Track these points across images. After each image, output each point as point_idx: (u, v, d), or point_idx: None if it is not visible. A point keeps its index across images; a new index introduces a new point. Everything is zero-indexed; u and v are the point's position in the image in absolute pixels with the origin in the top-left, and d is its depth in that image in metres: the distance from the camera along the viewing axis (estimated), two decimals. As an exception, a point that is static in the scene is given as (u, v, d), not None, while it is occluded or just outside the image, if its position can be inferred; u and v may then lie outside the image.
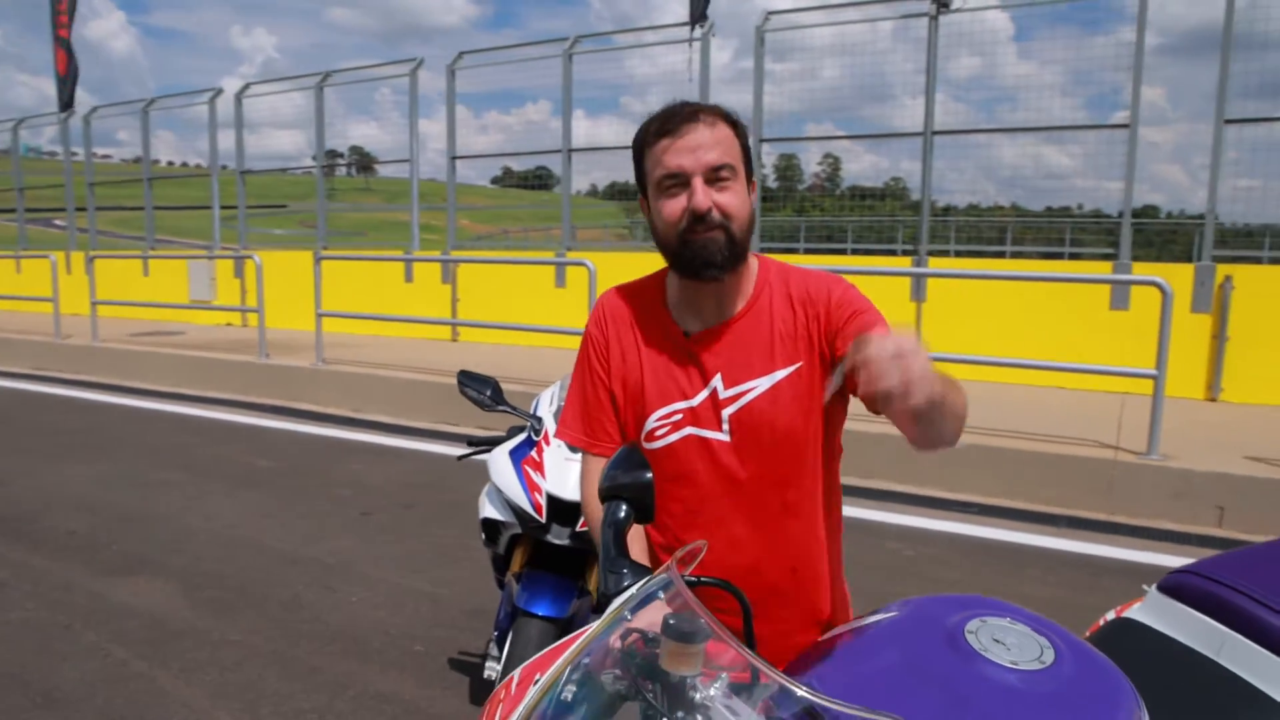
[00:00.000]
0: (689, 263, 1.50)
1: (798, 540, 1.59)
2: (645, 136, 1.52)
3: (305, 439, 7.13)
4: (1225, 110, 7.00)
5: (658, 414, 1.58)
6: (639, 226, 24.04)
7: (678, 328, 1.60)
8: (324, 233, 11.90)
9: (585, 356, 1.67)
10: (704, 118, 1.48)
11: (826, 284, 1.58)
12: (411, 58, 10.58)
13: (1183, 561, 4.77)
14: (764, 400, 1.53)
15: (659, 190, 1.51)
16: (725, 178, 1.47)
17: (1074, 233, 18.11)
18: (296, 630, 3.63)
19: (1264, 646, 1.49)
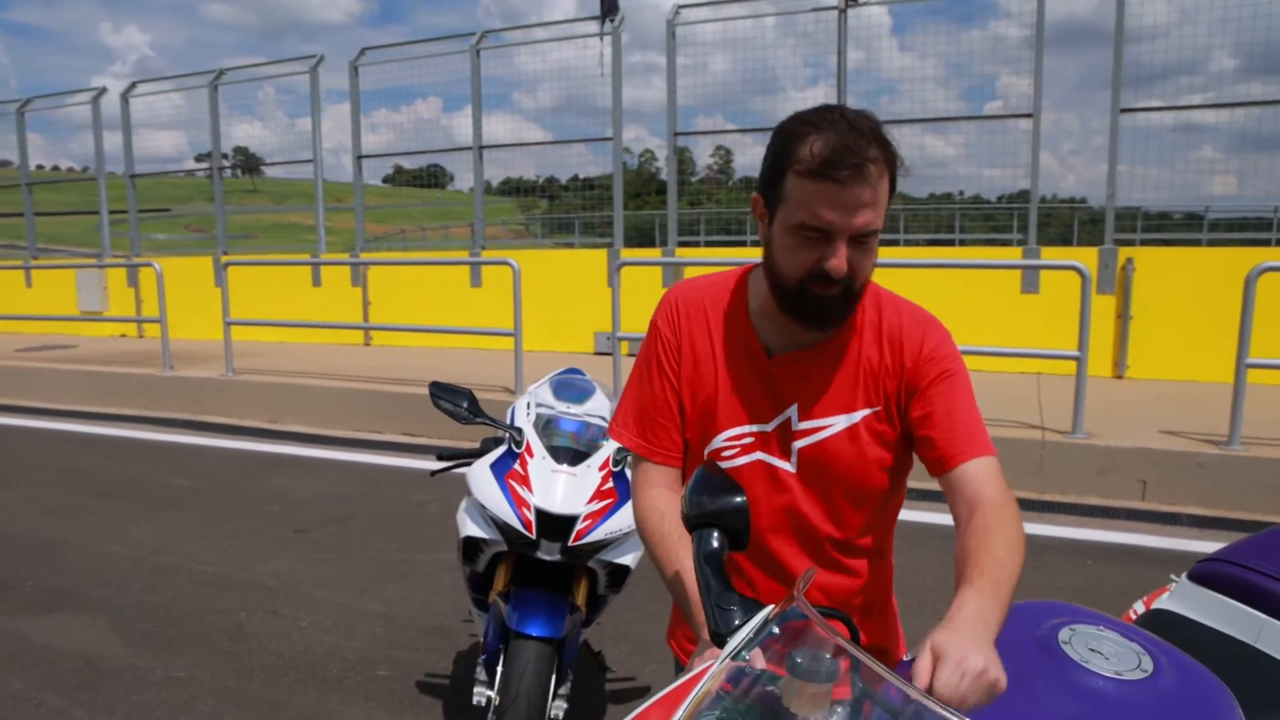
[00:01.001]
0: (800, 311, 1.38)
1: (852, 572, 1.54)
2: (799, 155, 1.30)
3: (222, 453, 6.79)
4: (1120, 100, 7.32)
5: (728, 434, 1.50)
6: (536, 223, 23.84)
7: (760, 344, 1.49)
8: (224, 238, 11.37)
9: (652, 354, 1.55)
10: (873, 171, 1.28)
11: (922, 328, 1.46)
12: (310, 54, 10.20)
13: (1113, 536, 4.96)
14: (839, 440, 1.45)
15: (794, 229, 1.34)
16: (869, 241, 1.34)
17: (962, 220, 18.76)
18: (246, 661, 3.43)
19: None
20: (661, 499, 1.51)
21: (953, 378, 1.42)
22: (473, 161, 9.54)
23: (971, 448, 1.35)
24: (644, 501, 1.53)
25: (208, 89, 10.89)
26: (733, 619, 1.07)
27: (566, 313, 9.00)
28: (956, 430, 1.37)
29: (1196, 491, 5.09)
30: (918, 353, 1.43)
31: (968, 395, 1.42)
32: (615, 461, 2.52)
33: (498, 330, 7.30)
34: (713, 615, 1.09)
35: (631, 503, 1.58)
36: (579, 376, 3.09)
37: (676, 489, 1.53)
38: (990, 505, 1.29)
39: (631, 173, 28.54)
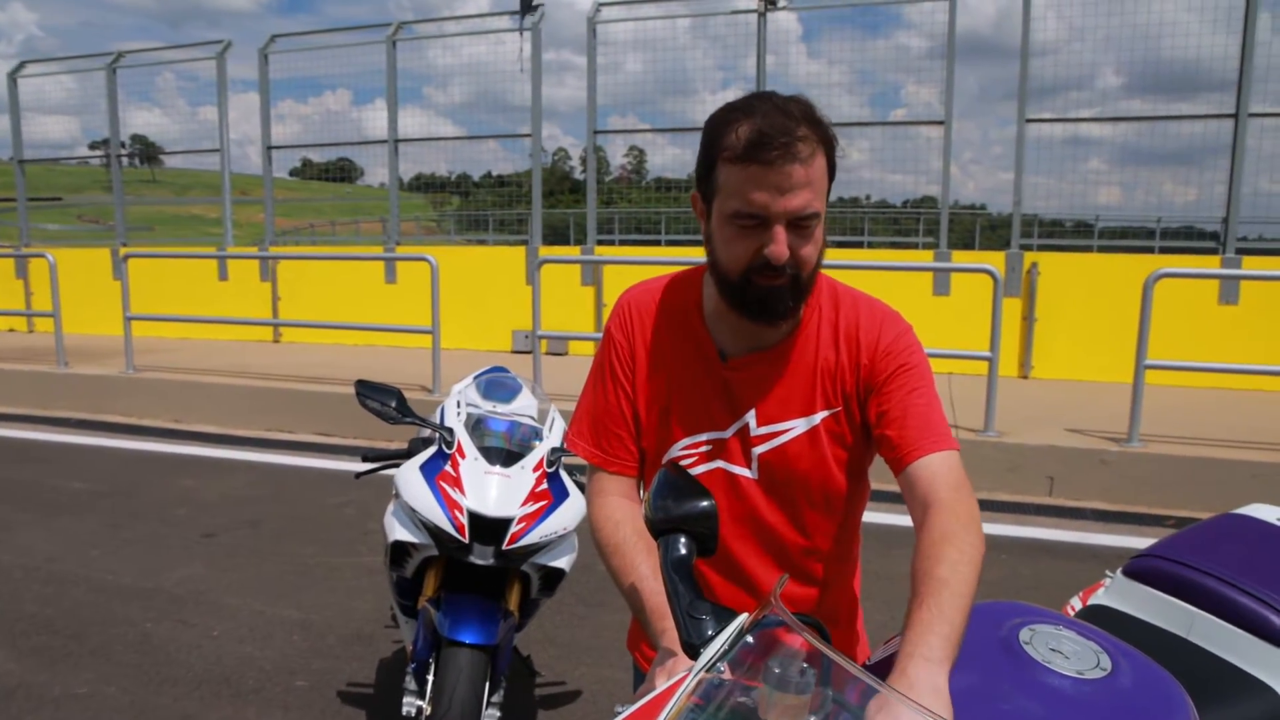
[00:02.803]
0: (747, 306, 1.34)
1: (818, 580, 1.52)
2: (726, 142, 1.27)
3: (122, 455, 6.47)
4: (1025, 110, 7.59)
5: (685, 442, 1.46)
6: (449, 220, 23.49)
7: (715, 348, 1.44)
8: (123, 229, 10.85)
9: (606, 361, 1.51)
10: (803, 149, 1.24)
11: (879, 323, 1.41)
12: (218, 40, 9.80)
13: (1023, 531, 5.11)
14: (799, 444, 1.41)
15: (729, 219, 1.29)
16: (809, 225, 1.29)
17: (869, 224, 19.21)
18: (154, 675, 3.27)
19: (1231, 623, 1.60)
20: (616, 508, 1.47)
21: (909, 372, 1.38)
22: (387, 155, 9.32)
23: (926, 443, 1.31)
24: (598, 511, 1.48)
25: (105, 72, 10.37)
26: (706, 629, 1.04)
27: (483, 311, 8.87)
28: (911, 426, 1.34)
29: (1100, 487, 5.31)
30: (874, 348, 1.39)
31: (926, 389, 1.37)
32: (549, 462, 2.48)
33: (415, 328, 7.14)
34: (684, 625, 1.05)
35: (587, 513, 1.54)
36: (506, 375, 3.04)
37: (632, 498, 1.50)
38: (943, 508, 1.24)
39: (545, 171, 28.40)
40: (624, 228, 18.60)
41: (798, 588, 1.49)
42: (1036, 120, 7.64)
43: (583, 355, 8.71)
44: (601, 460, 1.51)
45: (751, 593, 1.48)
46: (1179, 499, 5.18)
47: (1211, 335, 7.08)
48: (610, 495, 1.49)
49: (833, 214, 16.73)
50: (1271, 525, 1.92)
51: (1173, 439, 5.53)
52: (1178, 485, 5.21)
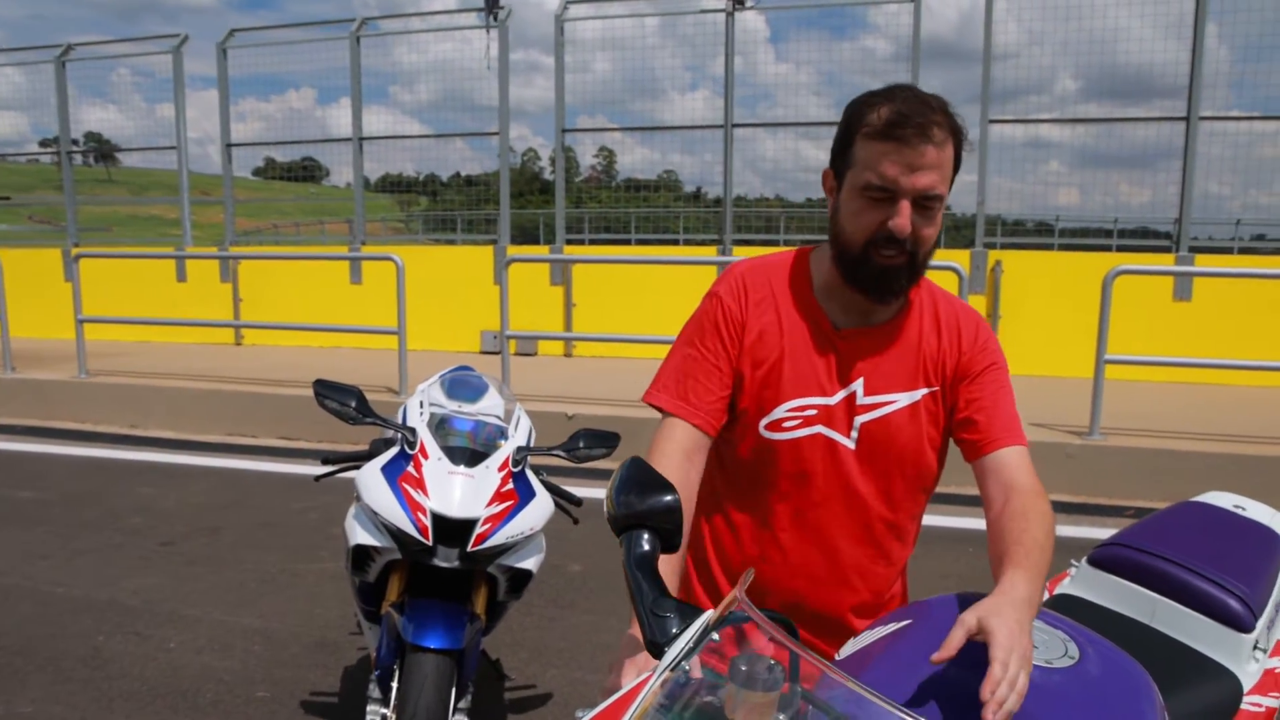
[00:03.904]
0: (865, 279, 1.42)
1: (892, 560, 1.58)
2: (867, 120, 1.37)
3: (75, 463, 6.30)
4: (989, 112, 7.67)
5: (790, 404, 1.48)
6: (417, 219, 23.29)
7: (828, 319, 1.50)
8: (74, 229, 10.60)
9: (710, 323, 1.52)
10: (937, 134, 1.35)
11: (974, 320, 1.55)
12: (173, 34, 9.60)
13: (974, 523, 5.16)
14: (901, 417, 1.49)
15: (860, 191, 1.38)
16: (933, 207, 1.38)
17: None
18: (105, 690, 3.16)
19: (1192, 608, 1.64)
20: (669, 460, 1.42)
21: (1001, 371, 1.51)
22: (352, 154, 9.20)
23: (1009, 436, 1.45)
24: (651, 458, 1.42)
25: (54, 65, 10.12)
26: (670, 626, 1.01)
27: (451, 311, 8.78)
28: (999, 418, 1.46)
29: (1064, 479, 5.36)
30: (973, 342, 1.51)
31: (1009, 388, 1.52)
32: (515, 461, 2.42)
33: (380, 329, 7.04)
34: (648, 624, 1.02)
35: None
36: (471, 374, 2.98)
37: (693, 457, 1.47)
38: (1026, 492, 1.37)
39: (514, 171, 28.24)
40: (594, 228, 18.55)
41: (875, 567, 1.56)
42: (999, 121, 7.73)
43: (553, 355, 8.65)
44: (681, 409, 1.49)
45: (831, 561, 1.53)
46: (1139, 490, 5.28)
47: (1167, 331, 7.22)
48: (670, 445, 1.45)
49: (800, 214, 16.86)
50: (1228, 512, 1.99)
51: (1133, 431, 5.61)
52: (1138, 476, 5.30)
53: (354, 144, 9.11)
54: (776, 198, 21.27)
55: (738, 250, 8.84)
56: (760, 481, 1.53)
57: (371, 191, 28.16)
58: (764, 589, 1.53)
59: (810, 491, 1.50)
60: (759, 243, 18.14)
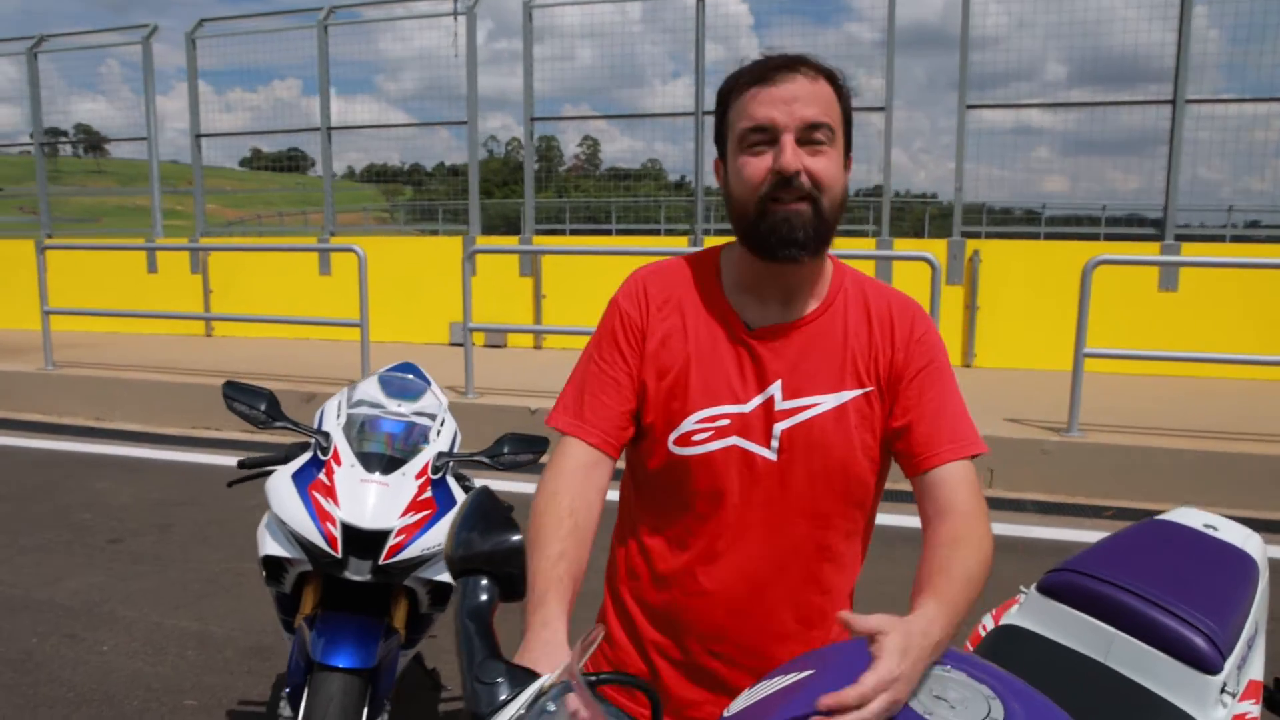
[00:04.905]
0: (765, 237, 1.27)
1: (826, 588, 1.39)
2: (733, 84, 1.30)
3: (35, 456, 6.18)
4: (966, 97, 7.53)
5: (700, 415, 1.33)
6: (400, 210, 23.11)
7: (738, 317, 1.35)
8: (47, 219, 10.45)
9: (607, 333, 1.39)
10: (805, 69, 1.26)
11: (911, 313, 1.38)
12: (143, 24, 9.43)
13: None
14: (826, 421, 1.32)
15: (741, 145, 1.27)
16: (821, 140, 1.25)
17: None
18: (30, 696, 3.05)
19: (1152, 645, 1.46)
20: (563, 477, 1.31)
21: (941, 370, 1.35)
22: (320, 143, 9.05)
23: (952, 449, 1.30)
24: (544, 480, 1.32)
25: (26, 57, 9.96)
26: (497, 695, 0.89)
27: (420, 302, 8.65)
28: (941, 427, 1.31)
29: (1040, 478, 5.25)
30: (908, 336, 1.35)
31: (954, 389, 1.35)
32: (434, 469, 2.31)
33: (343, 321, 6.91)
34: (472, 691, 0.90)
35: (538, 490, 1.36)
36: (410, 373, 2.87)
37: (591, 472, 1.33)
38: (962, 515, 1.25)
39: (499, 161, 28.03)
40: (575, 217, 18.39)
41: (808, 595, 1.38)
42: (977, 106, 7.59)
43: (522, 347, 8.52)
44: (577, 429, 1.35)
45: (755, 591, 1.35)
46: (1118, 489, 5.15)
47: (1152, 322, 7.08)
48: (566, 463, 1.33)
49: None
50: (1197, 533, 1.80)
51: (1113, 428, 5.49)
52: (1117, 475, 5.18)
53: (322, 134, 8.97)
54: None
55: (710, 240, 8.72)
56: (672, 502, 1.38)
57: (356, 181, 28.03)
58: (682, 624, 1.38)
59: (726, 511, 1.34)
60: (743, 232, 18.00)
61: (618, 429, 1.36)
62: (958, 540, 1.21)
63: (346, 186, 25.91)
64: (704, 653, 1.38)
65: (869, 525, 1.44)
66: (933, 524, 1.26)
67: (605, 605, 1.49)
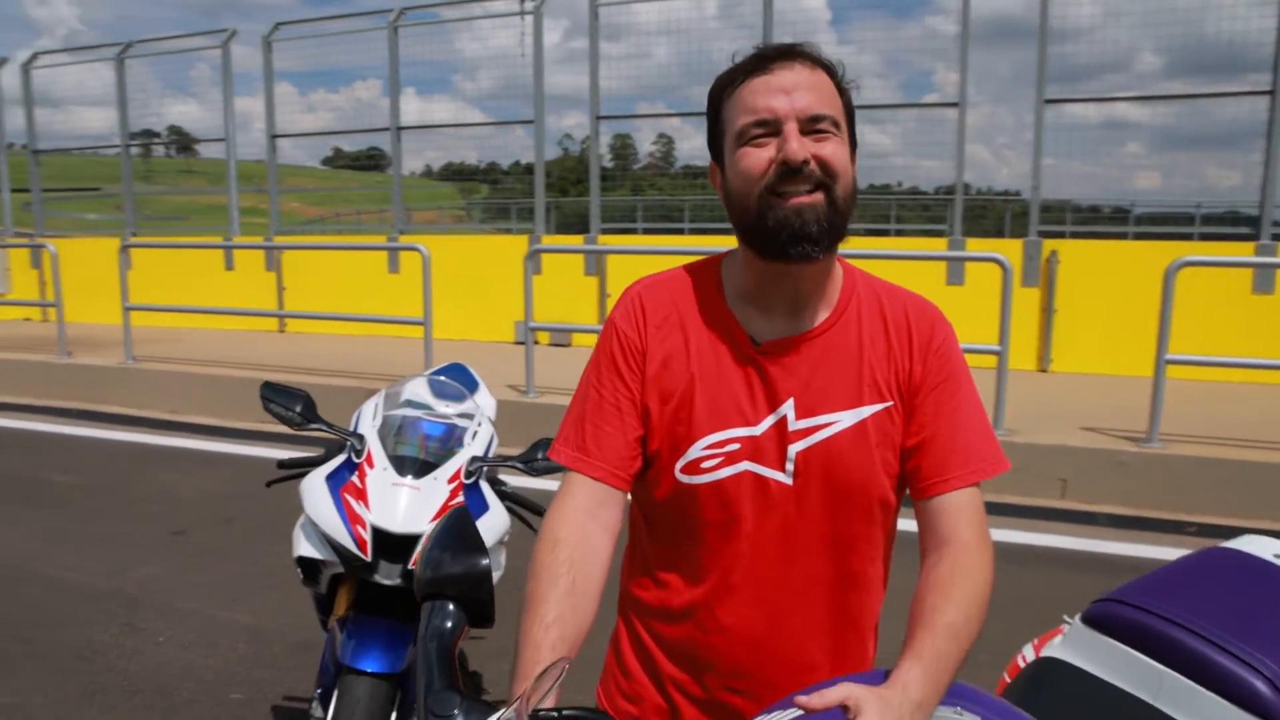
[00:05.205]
0: (774, 234, 1.15)
1: (853, 616, 1.29)
2: (727, 81, 1.21)
3: (112, 447, 6.40)
4: (1044, 91, 7.24)
5: (709, 440, 1.23)
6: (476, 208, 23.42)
7: (744, 332, 1.25)
8: (133, 218, 10.86)
9: (606, 356, 1.29)
10: (803, 59, 1.18)
11: (930, 319, 1.27)
12: (223, 29, 9.71)
13: (1029, 537, 4.81)
14: (845, 440, 1.22)
15: (740, 139, 1.17)
16: (826, 130, 1.15)
17: (898, 210, 18.83)
18: (87, 684, 3.13)
19: (1207, 687, 1.31)
20: (566, 523, 1.21)
21: (958, 385, 1.25)
22: (391, 142, 9.18)
23: (963, 474, 1.21)
24: (545, 523, 1.22)
25: (115, 62, 10.34)
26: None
27: (488, 300, 8.71)
28: (954, 450, 1.21)
29: (1116, 490, 5.01)
30: (925, 346, 1.25)
31: (972, 403, 1.25)
32: (467, 473, 2.28)
33: (407, 319, 6.99)
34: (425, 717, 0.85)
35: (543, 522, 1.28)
36: (459, 374, 2.86)
37: (596, 513, 1.23)
38: (962, 547, 1.16)
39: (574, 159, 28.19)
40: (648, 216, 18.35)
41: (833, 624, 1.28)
42: (1057, 101, 7.29)
43: (586, 347, 8.51)
44: (580, 463, 1.25)
45: (775, 624, 1.26)
46: (1201, 504, 4.87)
47: (1246, 327, 6.70)
48: (567, 504, 1.23)
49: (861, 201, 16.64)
50: (1265, 563, 1.61)
51: (1196, 439, 5.21)
52: (1200, 489, 4.89)
53: (391, 133, 9.10)
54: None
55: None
56: (683, 533, 1.28)
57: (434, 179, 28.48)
58: (700, 660, 1.29)
59: (740, 541, 1.24)
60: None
61: (625, 460, 1.26)
62: (952, 579, 1.13)
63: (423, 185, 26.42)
64: (724, 689, 1.29)
65: (891, 544, 1.34)
66: (929, 558, 1.18)
67: (619, 633, 1.40)
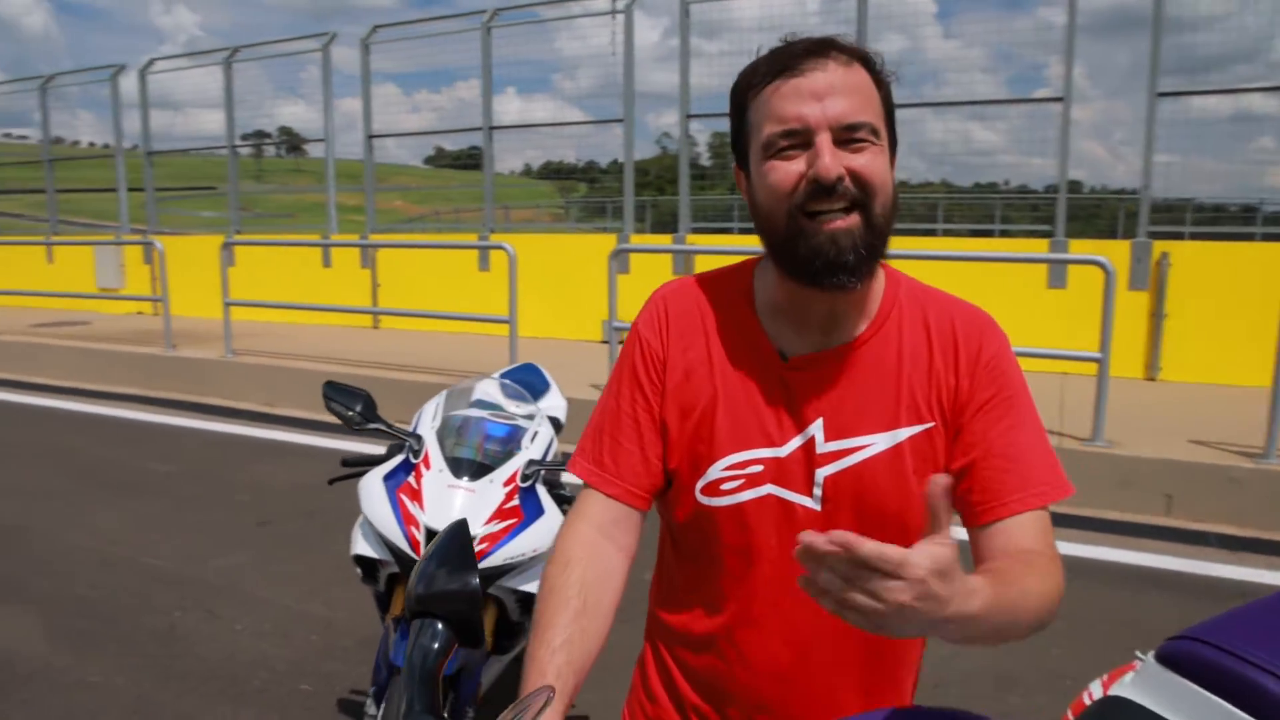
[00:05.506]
0: (807, 262, 1.06)
1: (885, 653, 1.19)
2: (750, 79, 1.09)
3: (210, 437, 6.64)
4: (1157, 84, 6.85)
5: (729, 460, 1.15)
6: (574, 207, 23.62)
7: (771, 346, 1.16)
8: (236, 216, 11.28)
9: (628, 365, 1.22)
10: (836, 54, 1.05)
11: (979, 330, 1.16)
12: (324, 33, 10.01)
13: (1129, 556, 4.53)
14: (879, 465, 1.12)
15: (766, 151, 1.06)
16: (863, 140, 1.03)
17: (1003, 209, 18.17)
18: (167, 669, 3.22)
19: None
20: (579, 543, 1.16)
21: (1015, 402, 1.13)
22: (484, 142, 9.29)
23: (1021, 498, 1.08)
24: (559, 542, 1.18)
25: (223, 66, 10.77)
26: None
27: (576, 299, 8.73)
28: (1010, 473, 1.09)
29: (1227, 509, 4.68)
30: (975, 360, 1.13)
31: (1030, 422, 1.13)
32: (523, 476, 2.24)
33: (494, 317, 7.05)
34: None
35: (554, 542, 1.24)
36: (532, 373, 2.83)
37: (611, 532, 1.18)
38: (1030, 551, 1.05)
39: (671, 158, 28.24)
40: (744, 215, 18.14)
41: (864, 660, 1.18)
42: (1171, 94, 6.88)
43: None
44: (595, 479, 1.20)
45: (801, 658, 1.17)
46: (1325, 526, 4.53)
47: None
48: (582, 524, 1.18)
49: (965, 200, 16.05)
50: None
51: (1317, 455, 4.84)
52: (1324, 510, 4.54)
53: (484, 133, 9.20)
54: (942, 182, 20.20)
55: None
56: (704, 557, 1.21)
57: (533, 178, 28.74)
58: (722, 692, 1.22)
59: (763, 568, 1.15)
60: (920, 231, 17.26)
61: (643, 476, 1.19)
62: (1029, 562, 1.02)
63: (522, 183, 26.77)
64: None
65: None
66: (994, 558, 1.07)
67: (645, 655, 1.34)
